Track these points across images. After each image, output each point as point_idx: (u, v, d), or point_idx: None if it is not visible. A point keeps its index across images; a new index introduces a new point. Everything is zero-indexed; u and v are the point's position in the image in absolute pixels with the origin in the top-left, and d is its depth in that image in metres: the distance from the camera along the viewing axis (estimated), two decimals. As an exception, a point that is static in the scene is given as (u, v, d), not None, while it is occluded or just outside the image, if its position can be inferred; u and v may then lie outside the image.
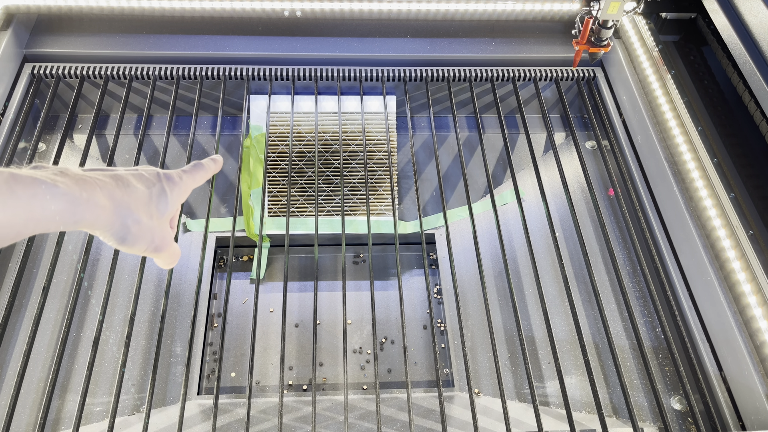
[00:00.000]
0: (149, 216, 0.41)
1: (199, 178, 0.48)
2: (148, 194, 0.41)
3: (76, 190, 0.35)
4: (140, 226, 0.40)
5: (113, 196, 0.38)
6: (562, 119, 1.13)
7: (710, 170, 0.87)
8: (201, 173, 0.48)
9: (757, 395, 0.73)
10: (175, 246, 0.45)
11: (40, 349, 0.81)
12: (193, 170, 0.47)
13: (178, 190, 0.44)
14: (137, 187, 0.40)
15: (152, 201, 0.41)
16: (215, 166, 0.51)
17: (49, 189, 0.33)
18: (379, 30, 1.10)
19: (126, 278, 0.88)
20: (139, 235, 0.40)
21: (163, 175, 0.43)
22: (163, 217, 0.42)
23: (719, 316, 0.80)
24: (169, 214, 0.43)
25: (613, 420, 0.78)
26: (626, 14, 0.86)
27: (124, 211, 0.39)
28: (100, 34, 1.05)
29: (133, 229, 0.39)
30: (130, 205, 0.39)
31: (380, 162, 1.02)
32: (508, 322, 0.87)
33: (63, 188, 0.34)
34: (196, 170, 0.48)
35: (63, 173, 0.35)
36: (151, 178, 0.42)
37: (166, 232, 0.43)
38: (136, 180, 0.41)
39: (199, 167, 0.48)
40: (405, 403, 0.78)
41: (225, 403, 0.77)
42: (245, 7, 1.04)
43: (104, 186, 0.37)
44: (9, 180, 0.32)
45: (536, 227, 0.96)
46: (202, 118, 1.09)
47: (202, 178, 0.48)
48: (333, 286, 0.93)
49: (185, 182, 0.46)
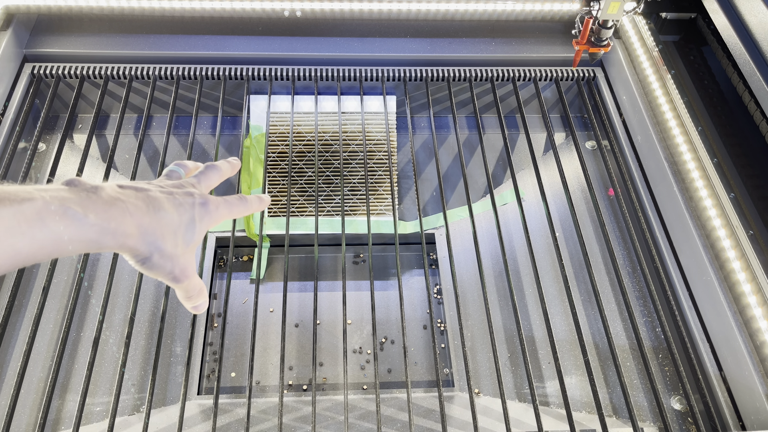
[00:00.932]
0: (174, 245, 0.39)
1: (236, 212, 0.45)
2: (177, 222, 0.39)
3: (105, 219, 0.34)
4: (162, 254, 0.39)
5: (141, 224, 0.37)
6: (562, 119, 1.13)
7: (710, 170, 0.87)
8: (241, 208, 0.45)
9: (757, 395, 0.73)
10: (196, 281, 0.42)
11: (40, 349, 0.81)
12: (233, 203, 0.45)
13: (209, 219, 0.42)
14: (168, 212, 0.39)
15: (180, 230, 0.39)
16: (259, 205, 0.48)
17: (80, 220, 0.33)
18: (379, 30, 1.10)
19: (126, 278, 0.88)
20: (159, 264, 0.39)
21: (198, 203, 0.41)
22: (188, 248, 0.41)
23: (719, 316, 0.80)
24: (194, 244, 0.41)
25: (613, 420, 0.78)
26: (626, 14, 0.86)
27: (149, 239, 0.38)
28: (100, 34, 1.05)
29: (154, 258, 0.38)
30: (155, 233, 0.38)
31: (380, 162, 1.02)
32: (508, 322, 0.87)
33: (92, 219, 0.34)
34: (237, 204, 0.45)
35: (96, 193, 0.35)
36: (185, 204, 0.40)
37: (188, 263, 0.41)
38: (170, 205, 0.39)
39: (242, 202, 0.46)
40: (405, 403, 0.78)
41: (225, 403, 0.77)
42: (245, 7, 1.04)
43: (134, 212, 0.36)
44: (41, 211, 0.31)
45: (536, 227, 0.96)
46: (202, 118, 1.09)
47: (240, 212, 0.45)
48: (333, 286, 0.93)
49: (220, 212, 0.43)
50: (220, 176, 0.47)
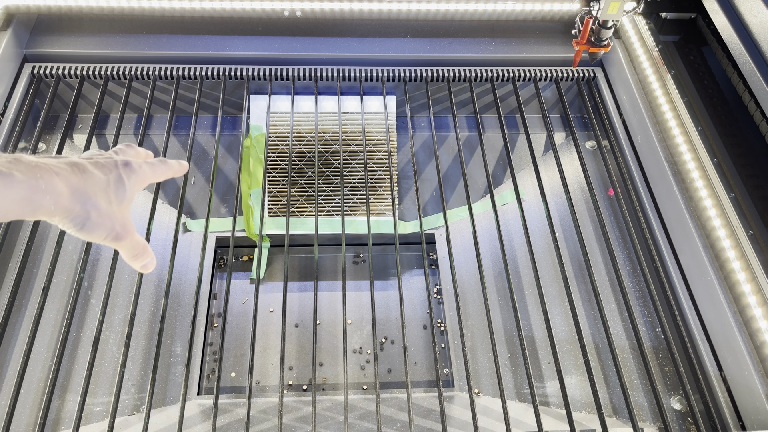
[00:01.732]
0: (108, 202, 0.40)
1: (160, 173, 0.47)
2: (105, 180, 0.40)
3: (33, 178, 0.35)
4: (99, 212, 0.39)
5: (70, 183, 0.37)
6: (562, 119, 1.13)
7: (710, 170, 0.87)
8: (162, 168, 0.48)
9: (757, 395, 0.73)
10: (138, 238, 0.44)
11: (40, 349, 0.81)
12: (156, 164, 0.47)
13: (135, 177, 0.43)
14: (94, 173, 0.40)
15: (110, 187, 0.41)
16: (180, 168, 0.50)
17: (6, 177, 0.33)
18: (379, 30, 1.10)
19: (126, 278, 0.88)
20: (98, 222, 0.40)
21: (120, 163, 0.43)
22: (122, 204, 0.42)
23: (719, 316, 0.80)
24: (128, 201, 0.43)
25: (613, 420, 0.78)
26: (626, 14, 0.86)
27: (83, 197, 0.38)
28: (100, 34, 1.05)
29: (92, 215, 0.39)
30: (87, 191, 0.39)
31: (380, 162, 1.02)
32: (508, 322, 0.87)
33: (19, 176, 0.34)
34: (159, 164, 0.47)
35: (17, 161, 0.35)
36: (108, 165, 0.42)
37: (127, 220, 0.42)
38: (93, 166, 0.40)
39: (163, 162, 0.48)
40: (405, 403, 0.78)
41: (225, 403, 0.77)
42: (245, 7, 1.04)
43: (60, 172, 0.37)
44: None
45: (536, 227, 0.96)
46: (202, 118, 1.09)
47: (163, 173, 0.48)
48: (333, 286, 0.93)
49: (144, 171, 0.45)
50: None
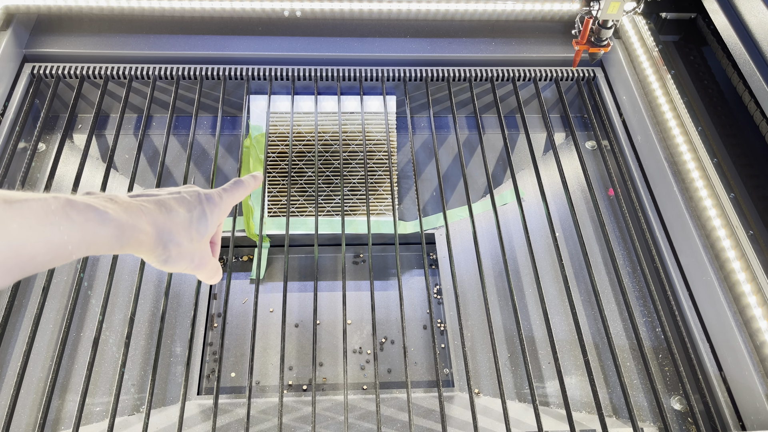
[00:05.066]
0: (190, 239, 0.42)
1: (238, 196, 0.49)
2: (189, 218, 0.42)
3: (124, 216, 0.37)
4: (180, 249, 0.42)
5: (156, 222, 0.40)
6: (562, 119, 1.13)
7: (710, 170, 0.87)
8: (241, 191, 0.49)
9: (757, 395, 0.73)
10: (214, 263, 0.47)
11: (40, 349, 0.81)
12: (233, 188, 0.49)
13: (218, 211, 0.46)
14: (179, 211, 0.42)
15: (192, 225, 0.43)
16: (255, 183, 0.52)
17: (101, 215, 0.35)
18: (379, 30, 1.10)
19: (126, 278, 0.88)
20: (179, 258, 0.42)
21: (204, 197, 0.45)
22: (204, 238, 0.44)
23: (719, 316, 0.80)
24: (209, 234, 0.45)
25: (613, 420, 0.78)
26: (626, 14, 0.86)
27: (166, 236, 0.40)
28: (100, 34, 1.05)
29: (173, 253, 0.41)
30: (171, 230, 0.41)
31: (380, 162, 1.02)
32: (508, 322, 0.87)
33: (113, 214, 0.36)
34: (236, 188, 0.49)
35: (113, 200, 0.37)
36: (193, 201, 0.44)
37: (205, 252, 0.45)
38: (178, 204, 0.42)
39: (239, 185, 0.50)
40: (405, 403, 0.78)
41: (225, 403, 0.77)
42: (245, 7, 1.04)
43: (149, 212, 0.39)
44: (66, 205, 0.34)
45: (536, 227, 0.96)
46: (202, 118, 1.09)
47: (241, 195, 0.49)
48: (333, 286, 0.93)
49: (225, 202, 0.47)
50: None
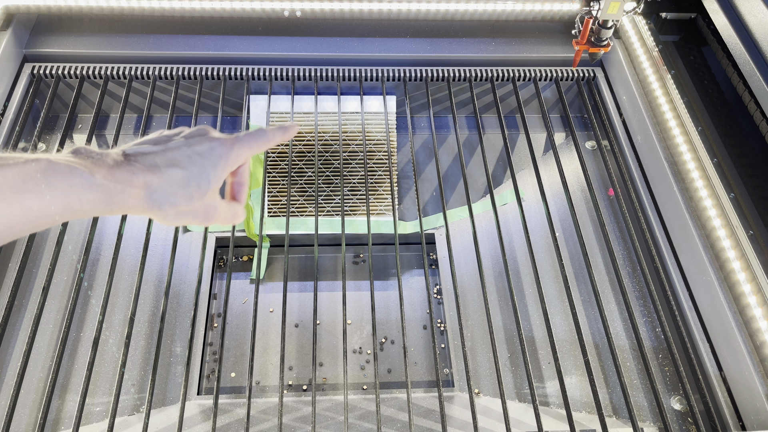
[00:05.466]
0: (188, 198, 0.39)
1: (256, 147, 0.43)
2: (186, 176, 0.39)
3: (111, 179, 0.35)
4: (178, 209, 0.39)
5: (148, 184, 0.37)
6: (562, 119, 1.13)
7: (710, 170, 0.87)
8: (261, 141, 0.44)
9: (757, 395, 0.73)
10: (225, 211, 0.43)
11: (40, 349, 0.81)
12: (250, 137, 0.43)
13: (224, 163, 0.41)
14: (174, 170, 0.38)
15: (192, 182, 0.39)
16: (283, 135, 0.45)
17: (86, 179, 0.33)
18: (379, 30, 1.10)
19: (126, 278, 0.88)
20: (179, 216, 0.39)
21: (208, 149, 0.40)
22: (206, 196, 0.40)
23: (719, 316, 0.79)
24: (213, 189, 0.41)
25: (613, 420, 0.78)
26: (626, 14, 0.86)
27: (160, 197, 0.37)
28: (100, 34, 1.05)
29: (170, 213, 0.38)
30: (166, 190, 0.38)
31: (380, 162, 1.02)
32: (508, 322, 0.87)
33: (99, 178, 0.34)
34: (255, 137, 0.43)
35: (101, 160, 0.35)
36: (194, 156, 0.39)
37: (210, 207, 0.41)
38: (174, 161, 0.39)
39: (260, 135, 0.44)
40: (405, 403, 0.78)
41: (225, 403, 0.77)
42: (245, 7, 1.04)
43: (139, 172, 0.36)
44: (47, 169, 0.32)
45: (536, 227, 0.96)
46: (202, 118, 1.09)
47: (261, 146, 0.44)
48: (333, 286, 0.93)
49: (236, 152, 0.42)
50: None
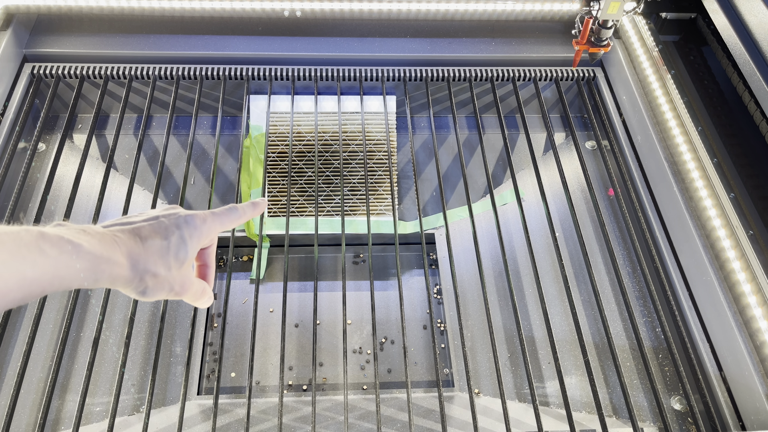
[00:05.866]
0: (167, 268, 0.41)
1: (228, 223, 0.46)
2: (165, 246, 0.40)
3: (98, 248, 0.36)
4: (157, 280, 0.40)
5: (131, 253, 0.38)
6: (562, 119, 1.13)
7: (710, 170, 0.87)
8: (233, 217, 0.46)
9: (757, 395, 0.73)
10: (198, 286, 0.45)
11: (40, 349, 0.81)
12: (223, 214, 0.46)
13: (198, 234, 0.43)
14: (154, 240, 0.40)
15: (170, 252, 0.41)
16: (253, 211, 0.48)
17: (75, 247, 0.34)
18: (379, 30, 1.10)
19: (126, 278, 0.88)
20: (157, 288, 0.40)
21: (183, 221, 0.42)
22: (183, 265, 0.42)
23: (719, 316, 0.79)
24: (189, 260, 0.43)
25: (613, 420, 0.78)
26: (626, 14, 0.86)
27: (141, 267, 0.39)
28: (100, 34, 1.05)
29: (150, 284, 0.40)
30: (147, 261, 0.39)
31: (380, 162, 1.02)
32: (508, 322, 0.87)
33: (87, 246, 0.35)
34: (228, 214, 0.46)
35: (85, 231, 0.36)
36: (170, 226, 0.41)
37: (186, 278, 0.43)
38: (154, 231, 0.40)
39: (232, 212, 0.47)
40: (405, 403, 0.78)
41: (225, 403, 0.77)
42: (245, 7, 1.04)
43: (122, 243, 0.38)
44: (38, 239, 0.33)
45: (536, 227, 0.96)
46: (202, 118, 1.09)
47: (233, 222, 0.47)
48: (333, 286, 0.93)
49: (209, 226, 0.44)
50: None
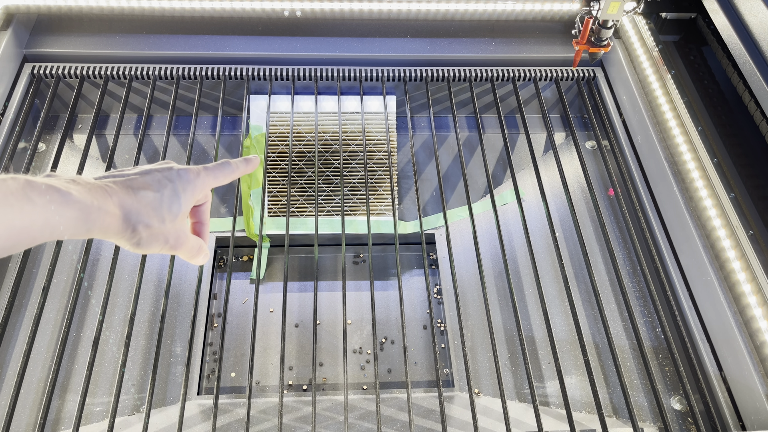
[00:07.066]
0: (161, 220, 0.40)
1: (222, 177, 0.46)
2: (158, 198, 0.40)
3: (88, 197, 0.35)
4: (151, 231, 0.40)
5: (123, 204, 0.38)
6: (562, 119, 1.13)
7: (710, 170, 0.87)
8: (226, 172, 0.47)
9: (757, 395, 0.73)
10: (193, 242, 0.45)
11: (40, 349, 0.81)
12: (216, 168, 0.46)
13: (192, 188, 0.43)
14: (146, 191, 0.40)
15: (164, 204, 0.41)
16: (246, 167, 0.48)
17: (63, 196, 0.34)
18: (379, 30, 1.10)
19: (126, 278, 0.88)
20: (151, 239, 0.40)
21: (176, 174, 0.43)
22: (177, 218, 0.42)
23: (719, 316, 0.80)
24: (183, 213, 0.43)
25: (613, 420, 0.78)
26: (626, 14, 0.86)
27: (134, 218, 0.39)
28: (100, 34, 1.05)
29: (143, 235, 0.39)
30: (140, 212, 0.39)
31: (380, 162, 1.02)
32: (508, 322, 0.87)
33: (76, 195, 0.35)
34: (221, 169, 0.46)
35: (75, 182, 0.36)
36: (163, 180, 0.41)
37: (181, 231, 0.43)
38: (146, 183, 0.40)
39: (225, 166, 0.47)
40: (405, 403, 0.78)
41: (225, 403, 0.77)
42: (245, 7, 1.04)
43: (114, 193, 0.38)
44: (25, 186, 0.32)
45: (536, 227, 0.96)
46: (202, 118, 1.09)
47: (226, 177, 0.47)
48: (333, 286, 0.93)
49: (203, 180, 0.44)
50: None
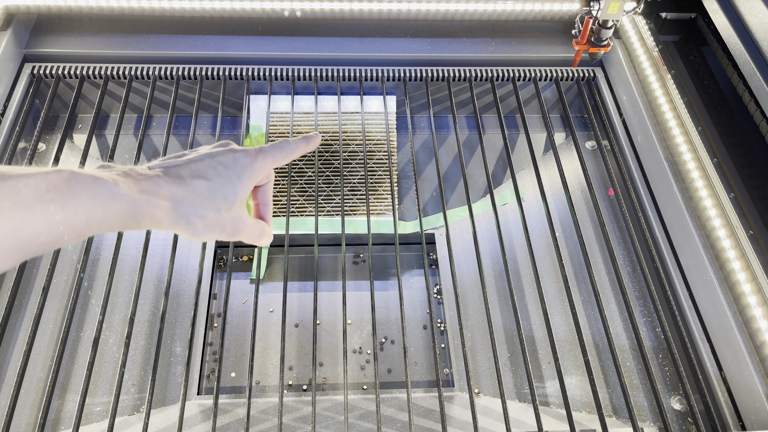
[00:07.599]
0: (215, 210, 0.39)
1: (281, 158, 0.44)
2: (212, 187, 0.39)
3: (136, 190, 0.34)
4: (206, 221, 0.38)
5: (173, 196, 0.37)
6: (562, 119, 1.13)
7: (710, 170, 0.87)
8: (284, 152, 0.44)
9: (757, 395, 0.73)
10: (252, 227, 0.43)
11: (40, 349, 0.81)
12: (274, 149, 0.44)
13: (249, 173, 0.41)
14: (199, 182, 0.38)
15: (218, 194, 0.39)
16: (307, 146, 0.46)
17: (110, 189, 0.33)
18: (379, 30, 1.10)
19: (126, 278, 0.88)
20: (207, 229, 0.39)
21: (232, 159, 0.41)
22: (234, 207, 0.40)
23: (719, 316, 0.80)
24: (240, 200, 0.41)
25: (613, 420, 0.78)
26: (626, 14, 0.86)
27: (187, 209, 0.37)
28: (100, 34, 1.05)
29: (198, 226, 0.38)
30: (193, 202, 0.37)
31: (380, 162, 1.02)
32: (508, 322, 0.87)
33: (124, 188, 0.33)
34: (279, 149, 0.44)
35: (126, 174, 0.35)
36: (218, 167, 0.40)
37: (239, 219, 0.41)
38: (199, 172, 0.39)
39: (284, 146, 0.44)
40: (405, 403, 0.78)
41: (225, 403, 0.77)
42: (245, 7, 1.04)
43: (165, 185, 0.36)
44: (70, 180, 0.31)
45: (536, 227, 0.96)
46: (202, 118, 1.09)
47: (285, 158, 0.44)
48: (333, 286, 0.93)
49: (260, 163, 0.42)
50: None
